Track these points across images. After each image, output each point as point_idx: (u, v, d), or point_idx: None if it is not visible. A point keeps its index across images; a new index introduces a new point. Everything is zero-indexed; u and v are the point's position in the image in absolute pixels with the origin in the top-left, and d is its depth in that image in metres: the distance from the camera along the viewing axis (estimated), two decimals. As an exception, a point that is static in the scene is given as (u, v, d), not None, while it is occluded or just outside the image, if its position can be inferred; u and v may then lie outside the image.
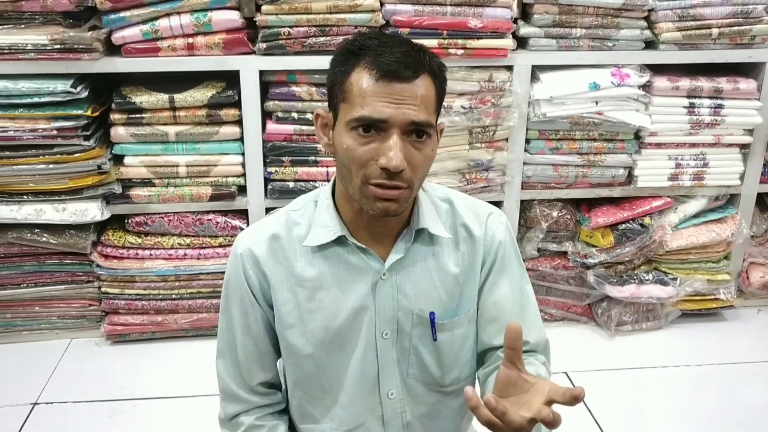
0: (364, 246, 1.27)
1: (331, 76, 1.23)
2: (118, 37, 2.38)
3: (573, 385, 2.47)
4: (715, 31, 2.56)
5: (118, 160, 2.52)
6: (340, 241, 1.27)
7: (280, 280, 1.29)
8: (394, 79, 1.13)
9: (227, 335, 1.35)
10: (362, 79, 1.14)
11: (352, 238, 1.26)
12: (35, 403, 2.39)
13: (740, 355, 2.71)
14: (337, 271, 1.28)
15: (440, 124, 1.26)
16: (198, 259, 2.62)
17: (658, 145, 2.70)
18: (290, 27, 2.39)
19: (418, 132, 1.16)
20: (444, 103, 2.48)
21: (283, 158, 2.55)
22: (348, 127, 1.16)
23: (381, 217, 1.20)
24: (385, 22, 2.44)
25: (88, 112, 2.38)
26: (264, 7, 2.37)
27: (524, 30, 2.54)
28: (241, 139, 2.52)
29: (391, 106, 1.13)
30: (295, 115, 2.50)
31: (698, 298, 2.86)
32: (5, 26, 2.33)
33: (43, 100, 2.35)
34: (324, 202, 1.30)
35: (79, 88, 2.36)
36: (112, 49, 2.43)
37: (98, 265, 2.59)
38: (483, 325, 1.37)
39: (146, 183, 2.55)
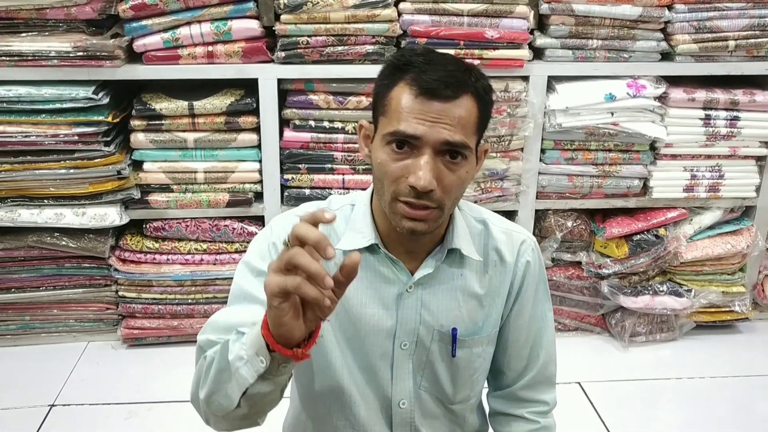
0: (394, 257, 1.27)
1: (376, 89, 1.22)
2: (139, 44, 2.42)
3: (587, 397, 2.48)
4: (731, 43, 2.56)
5: (137, 165, 2.55)
6: (371, 249, 1.27)
7: None
8: (434, 97, 1.12)
9: (222, 317, 1.25)
10: (402, 95, 1.14)
11: (383, 248, 1.27)
12: (52, 405, 2.42)
13: (755, 367, 2.70)
14: (365, 276, 1.28)
15: (483, 146, 1.24)
16: (214, 264, 2.64)
17: (674, 157, 2.71)
18: (309, 36, 2.42)
19: (452, 153, 1.14)
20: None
21: (300, 165, 2.57)
22: (383, 141, 1.16)
23: (408, 234, 1.19)
24: (402, 32, 2.46)
25: (109, 119, 2.41)
26: (283, 17, 2.40)
27: (541, 41, 2.55)
28: (259, 147, 2.54)
29: (426, 124, 1.12)
30: (312, 123, 2.53)
31: (713, 310, 2.85)
32: (29, 33, 2.37)
33: (65, 106, 2.39)
34: (361, 208, 1.29)
35: (100, 95, 2.40)
36: (134, 57, 2.47)
37: (116, 269, 2.62)
38: (501, 346, 1.40)
39: (164, 189, 2.58)
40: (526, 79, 2.56)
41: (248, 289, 1.25)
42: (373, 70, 2.07)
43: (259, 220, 2.66)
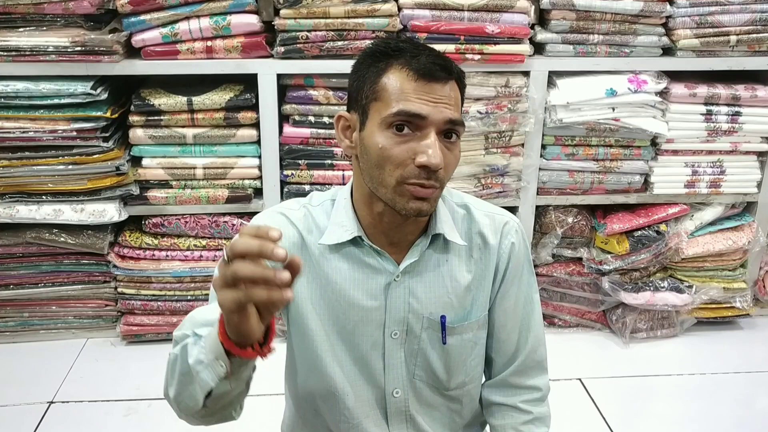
0: (378, 249, 1.28)
1: (360, 77, 1.23)
2: (138, 39, 2.40)
3: (588, 393, 2.47)
4: (733, 38, 2.55)
5: (136, 161, 2.54)
6: (355, 242, 1.28)
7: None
8: (432, 79, 1.16)
9: (200, 312, 1.19)
10: (399, 78, 1.16)
11: (367, 239, 1.27)
12: (51, 402, 2.41)
13: (756, 363, 2.69)
14: (351, 269, 1.29)
15: None
16: (213, 260, 2.64)
17: (675, 152, 2.70)
18: (308, 31, 2.41)
19: (448, 133, 1.18)
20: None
21: (300, 161, 2.57)
22: (383, 124, 1.17)
23: (413, 216, 1.20)
24: (402, 27, 2.45)
25: (108, 114, 2.40)
26: (282, 12, 2.39)
27: (541, 36, 2.54)
28: (258, 142, 2.53)
29: (430, 104, 1.15)
30: (311, 118, 2.52)
31: (714, 306, 2.85)
32: (27, 28, 2.36)
33: (63, 101, 2.38)
34: (342, 202, 1.30)
35: (98, 90, 2.39)
36: (132, 52, 2.46)
37: (115, 266, 2.61)
38: (488, 332, 1.40)
39: (163, 185, 2.57)
40: (526, 74, 2.55)
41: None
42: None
43: (259, 216, 2.65)
